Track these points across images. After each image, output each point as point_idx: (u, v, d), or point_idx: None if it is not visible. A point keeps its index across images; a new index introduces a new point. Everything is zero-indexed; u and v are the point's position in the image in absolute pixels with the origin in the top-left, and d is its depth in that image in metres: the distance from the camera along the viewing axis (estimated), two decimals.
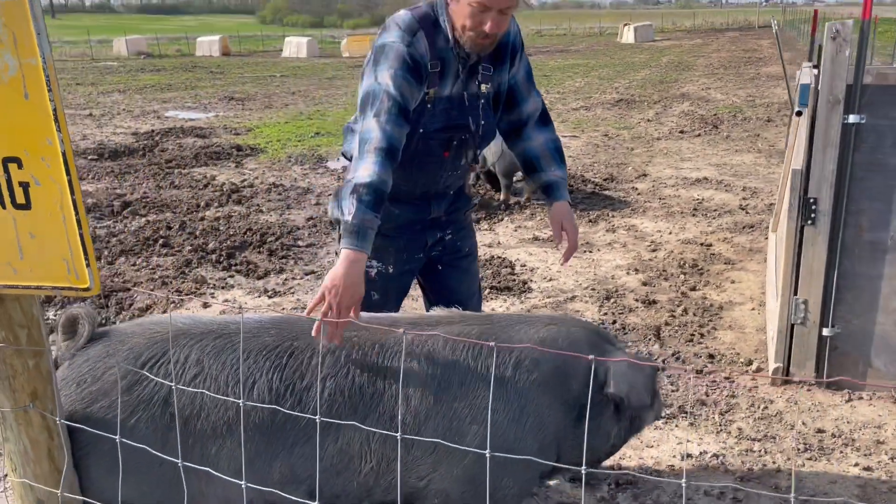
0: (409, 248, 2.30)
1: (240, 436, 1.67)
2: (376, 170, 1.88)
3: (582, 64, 25.20)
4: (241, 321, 1.80)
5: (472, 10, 1.96)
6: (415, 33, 2.02)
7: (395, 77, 1.96)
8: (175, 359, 1.76)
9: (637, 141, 10.01)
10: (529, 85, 2.27)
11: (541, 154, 2.27)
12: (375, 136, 1.91)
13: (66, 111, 14.00)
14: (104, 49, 37.78)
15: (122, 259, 5.23)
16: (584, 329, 2.02)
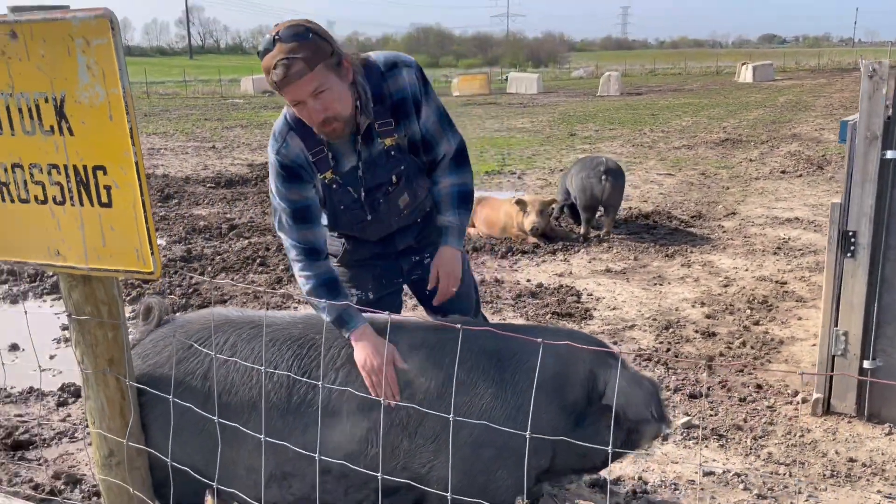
0: (386, 275, 2.39)
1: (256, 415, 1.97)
2: (309, 273, 2.11)
3: (693, 103, 24.86)
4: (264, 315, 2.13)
5: (295, 109, 2.02)
6: (284, 137, 2.10)
7: (277, 190, 2.12)
8: (216, 342, 2.07)
9: (734, 180, 9.89)
10: (443, 128, 2.24)
11: (442, 198, 2.27)
12: (290, 247, 2.15)
13: (193, 143, 15.24)
14: (233, 87, 40.45)
15: (223, 274, 5.76)
16: (589, 343, 2.16)
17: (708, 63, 61.66)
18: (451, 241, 2.25)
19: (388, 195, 2.24)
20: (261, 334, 2.07)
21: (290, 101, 1.99)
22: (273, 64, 1.92)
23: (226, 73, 49.23)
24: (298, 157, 2.11)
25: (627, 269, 5.73)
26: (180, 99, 34.21)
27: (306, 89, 1.94)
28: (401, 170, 2.22)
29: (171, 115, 23.57)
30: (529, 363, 2.03)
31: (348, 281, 2.39)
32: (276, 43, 1.93)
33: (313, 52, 1.92)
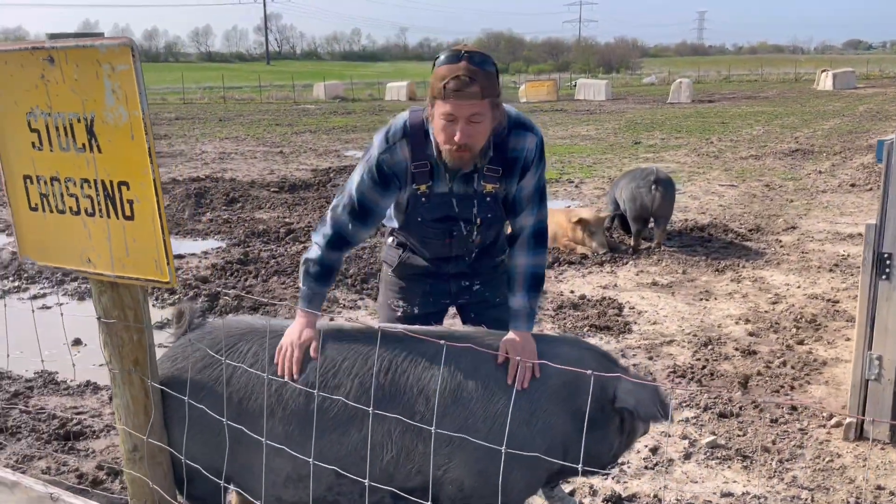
0: (434, 293, 2.44)
1: (279, 416, 2.08)
2: (323, 252, 2.21)
3: (767, 111, 24.18)
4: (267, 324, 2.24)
5: (443, 122, 2.04)
6: (395, 143, 2.16)
7: (361, 182, 2.20)
8: (241, 349, 2.19)
9: (800, 193, 9.62)
10: (533, 201, 2.27)
11: (516, 277, 2.27)
12: (329, 225, 2.23)
13: (262, 148, 15.71)
14: (306, 93, 41.42)
15: (275, 278, 5.96)
16: (592, 351, 2.25)
17: (787, 69, 59.76)
18: (520, 325, 2.20)
19: (465, 231, 2.31)
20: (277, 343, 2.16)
21: (445, 113, 2.03)
22: (452, 74, 1.99)
23: (300, 79, 50.44)
24: (400, 164, 2.17)
25: (674, 283, 5.67)
26: (255, 104, 35.24)
27: (468, 111, 2.02)
28: (487, 216, 2.30)
29: (245, 120, 24.33)
30: (544, 372, 2.09)
31: (398, 292, 2.47)
32: (464, 58, 2.00)
33: (489, 84, 2.02)
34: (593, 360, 2.18)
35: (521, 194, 2.26)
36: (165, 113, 28.52)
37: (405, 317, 2.45)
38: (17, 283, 5.95)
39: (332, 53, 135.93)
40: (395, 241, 2.45)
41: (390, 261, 2.46)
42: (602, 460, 2.21)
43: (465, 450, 2.02)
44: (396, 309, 2.47)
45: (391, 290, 2.49)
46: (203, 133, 19.56)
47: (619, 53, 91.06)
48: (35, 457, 3.23)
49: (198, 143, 16.89)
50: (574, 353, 2.18)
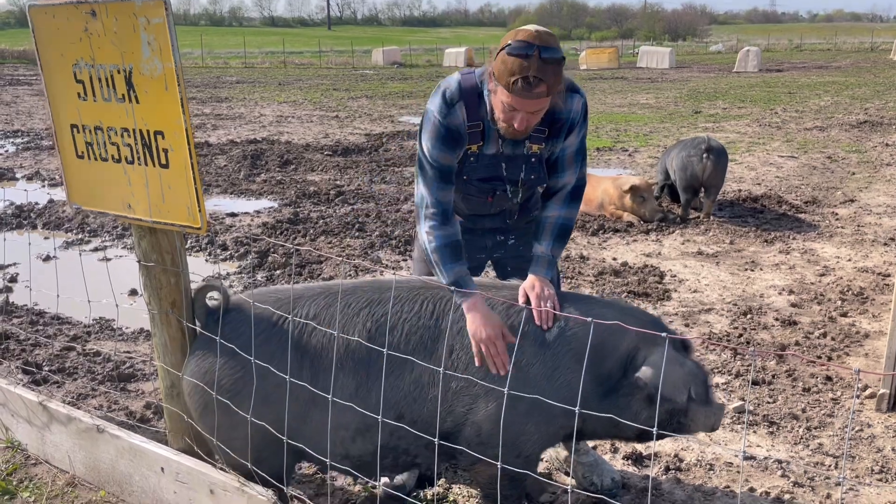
0: (470, 247, 2.44)
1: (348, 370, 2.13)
2: (438, 233, 2.21)
3: (838, 82, 23.26)
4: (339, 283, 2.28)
5: (504, 106, 2.08)
6: (453, 105, 2.18)
7: (433, 148, 2.21)
8: (300, 314, 2.19)
9: (863, 165, 9.29)
10: (576, 160, 2.34)
11: (545, 227, 2.33)
12: (428, 203, 2.24)
13: (318, 112, 15.91)
14: (365, 58, 41.53)
15: (322, 237, 6.10)
16: (634, 317, 2.20)
17: (863, 38, 57.06)
18: (539, 270, 2.26)
19: (510, 191, 2.37)
20: (334, 302, 2.19)
21: (508, 104, 2.06)
22: (522, 74, 1.98)
23: (359, 44, 50.57)
24: (460, 126, 2.20)
25: (720, 253, 5.59)
26: (314, 69, 35.55)
27: (533, 107, 2.06)
28: (531, 178, 2.35)
29: (304, 85, 24.60)
30: (572, 331, 2.12)
31: None
32: (534, 56, 1.98)
33: (556, 82, 2.03)
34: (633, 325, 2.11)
35: (565, 153, 2.31)
36: (227, 77, 29.02)
37: None
38: (81, 235, 6.25)
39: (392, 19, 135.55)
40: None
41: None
42: (626, 433, 2.21)
43: (487, 396, 2.08)
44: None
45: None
46: (262, 97, 19.89)
47: (686, 20, 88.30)
48: (89, 395, 3.43)
49: (257, 107, 17.19)
50: (610, 316, 2.14)
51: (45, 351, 3.91)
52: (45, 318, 4.42)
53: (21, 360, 3.76)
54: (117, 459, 2.45)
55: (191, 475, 2.23)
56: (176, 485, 2.27)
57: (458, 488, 2.67)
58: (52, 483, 2.67)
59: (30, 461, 2.82)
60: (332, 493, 2.65)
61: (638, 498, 2.59)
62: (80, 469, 2.63)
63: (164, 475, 2.30)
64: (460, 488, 2.67)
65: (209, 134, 12.51)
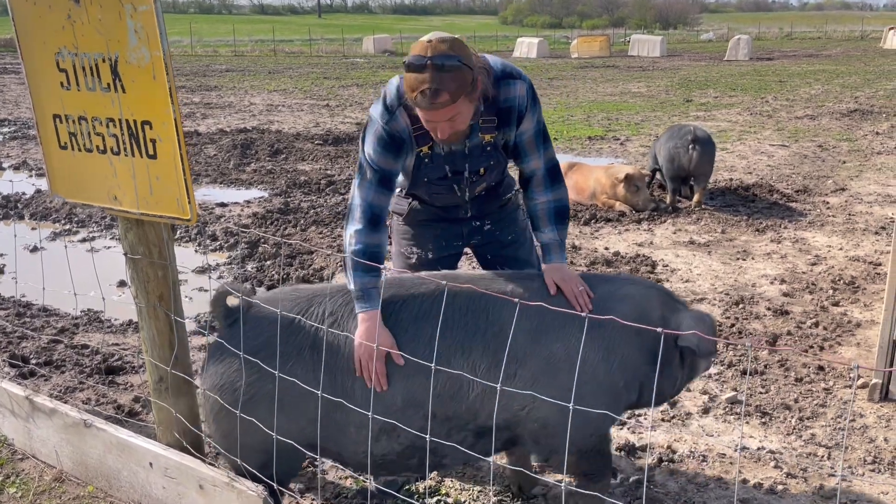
0: (446, 235, 2.48)
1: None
2: (363, 238, 2.15)
3: (828, 70, 23.29)
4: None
5: (425, 122, 2.09)
6: (394, 111, 2.16)
7: (374, 153, 2.18)
8: (314, 313, 2.11)
9: (854, 154, 9.31)
10: (537, 144, 2.31)
11: (539, 215, 2.33)
12: (358, 206, 2.19)
13: (309, 101, 15.81)
14: (355, 46, 41.29)
15: (313, 227, 6.06)
16: (656, 289, 2.29)
17: (853, 27, 57.15)
18: (554, 258, 2.28)
19: (472, 182, 2.37)
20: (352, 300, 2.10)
21: (423, 118, 2.08)
22: (421, 88, 1.98)
23: (350, 33, 50.27)
24: (403, 131, 2.18)
25: (712, 242, 5.59)
26: (305, 57, 35.33)
27: (443, 116, 2.04)
28: (490, 164, 2.34)
29: (294, 73, 24.43)
30: (615, 310, 2.10)
31: (411, 239, 2.51)
32: (428, 67, 1.96)
33: (458, 85, 1.99)
34: (658, 297, 2.22)
35: (523, 139, 2.29)
36: (216, 65, 28.80)
37: (420, 263, 2.49)
38: (68, 226, 6.19)
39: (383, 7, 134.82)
40: (402, 192, 2.46)
41: (400, 210, 2.48)
42: (665, 395, 2.30)
43: (552, 386, 2.03)
44: (411, 256, 2.51)
45: (403, 239, 2.52)
46: (252, 85, 19.74)
47: (677, 9, 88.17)
48: (77, 388, 3.40)
49: (247, 95, 17.07)
50: (641, 291, 2.22)
51: (31, 344, 3.87)
52: (31, 310, 4.37)
53: (7, 354, 3.72)
54: (105, 454, 2.42)
55: (180, 470, 2.20)
56: (165, 480, 2.25)
57: (451, 481, 2.66)
58: (39, 478, 2.64)
59: (16, 456, 2.79)
60: (324, 487, 2.63)
61: (632, 490, 2.58)
62: (68, 464, 2.60)
63: (153, 470, 2.27)
64: (452, 481, 2.66)
65: (198, 123, 12.41)
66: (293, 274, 4.96)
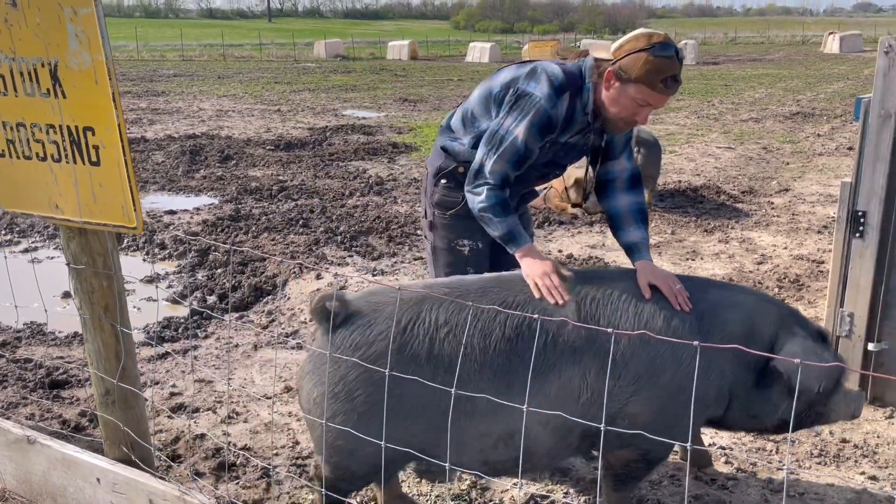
0: (485, 235, 2.47)
1: (489, 377, 2.00)
2: (496, 192, 2.25)
3: (772, 74, 23.93)
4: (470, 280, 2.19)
5: (635, 105, 2.19)
6: (562, 94, 2.23)
7: (527, 132, 2.23)
8: (429, 319, 2.04)
9: (797, 156, 9.58)
10: (627, 147, 2.45)
11: (625, 215, 2.39)
12: (490, 174, 2.25)
13: (260, 106, 15.62)
14: (307, 51, 40.98)
15: (265, 234, 5.98)
16: (776, 306, 2.20)
17: (794, 32, 58.89)
18: (645, 255, 2.33)
19: (556, 174, 2.54)
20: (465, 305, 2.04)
21: (644, 100, 2.17)
22: (672, 72, 2.13)
23: (301, 37, 49.86)
24: (560, 116, 2.26)
25: (662, 244, 5.69)
26: (255, 62, 34.90)
27: (666, 102, 2.25)
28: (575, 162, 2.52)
29: (244, 78, 24.12)
30: (723, 318, 2.10)
31: (463, 231, 2.51)
32: (675, 56, 2.14)
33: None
34: (776, 313, 2.15)
35: (617, 141, 2.42)
36: (164, 70, 28.26)
37: (472, 253, 2.52)
38: (10, 236, 5.99)
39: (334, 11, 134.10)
40: (452, 184, 2.48)
41: (449, 204, 2.49)
42: (763, 422, 2.20)
43: (651, 387, 2.04)
44: (463, 247, 2.52)
45: (451, 233, 2.52)
46: (201, 90, 19.42)
47: (625, 14, 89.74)
48: (20, 404, 3.29)
49: (195, 101, 16.79)
50: (758, 305, 2.16)
51: None
52: None
53: None
54: (50, 471, 2.34)
55: (129, 485, 2.15)
56: (113, 496, 2.18)
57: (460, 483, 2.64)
58: None
59: None
60: (278, 497, 2.59)
61: (587, 489, 2.60)
62: (11, 482, 2.51)
63: (101, 486, 2.20)
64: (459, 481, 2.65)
65: (145, 129, 12.16)
66: (245, 282, 4.89)
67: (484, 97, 2.39)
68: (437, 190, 2.51)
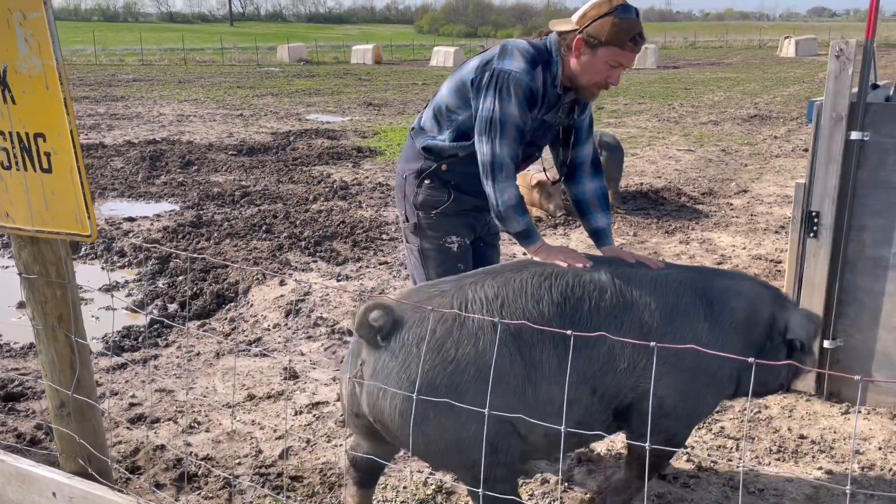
0: (473, 225, 2.61)
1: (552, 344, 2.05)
2: (512, 189, 2.31)
3: (730, 77, 24.36)
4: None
5: (608, 67, 2.27)
6: (536, 67, 2.30)
7: (518, 108, 2.28)
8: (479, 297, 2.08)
9: (755, 157, 9.76)
10: (589, 133, 2.55)
11: (590, 200, 2.50)
12: (502, 162, 2.29)
13: (222, 111, 15.45)
14: (270, 55, 40.64)
15: (228, 241, 5.91)
16: (768, 289, 2.38)
17: (751, 36, 60.12)
18: (610, 241, 2.50)
19: (533, 157, 2.55)
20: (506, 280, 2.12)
21: (616, 60, 2.26)
22: (637, 30, 2.25)
23: (263, 41, 49.43)
24: (539, 89, 2.32)
25: (624, 245, 5.74)
26: (216, 66, 34.53)
27: (633, 61, 2.34)
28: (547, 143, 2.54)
29: (206, 83, 23.84)
30: (731, 305, 2.24)
31: (451, 229, 2.56)
32: (636, 15, 2.26)
33: None
34: (770, 295, 2.32)
35: (582, 125, 2.52)
36: (123, 74, 27.83)
37: (460, 249, 2.58)
38: None
39: (297, 15, 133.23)
40: (436, 183, 2.51)
41: (434, 203, 2.52)
42: (767, 387, 2.42)
43: (676, 369, 2.13)
44: (451, 244, 2.56)
45: (439, 232, 2.55)
46: (161, 95, 19.15)
47: None
48: None
49: (155, 106, 16.55)
50: (756, 289, 2.32)
51: None
52: None
53: None
54: (5, 486, 2.28)
55: (86, 499, 2.09)
56: None
57: None
58: None
59: None
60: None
61: (552, 489, 2.61)
62: None
63: (57, 500, 2.15)
64: None
65: (104, 135, 11.95)
66: (206, 289, 4.82)
67: (457, 88, 2.41)
68: (420, 191, 2.52)
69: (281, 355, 3.87)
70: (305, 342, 4.05)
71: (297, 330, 4.21)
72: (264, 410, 3.29)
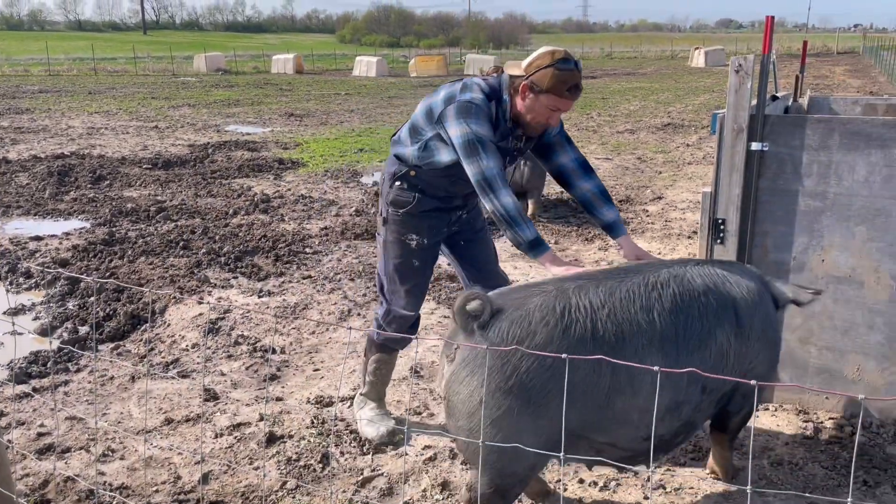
0: (437, 225, 2.91)
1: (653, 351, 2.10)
2: (511, 199, 2.50)
3: (645, 87, 25.18)
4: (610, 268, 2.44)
5: (548, 111, 2.58)
6: (491, 101, 2.64)
7: (486, 129, 2.58)
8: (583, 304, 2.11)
9: (668, 165, 10.10)
10: (563, 142, 2.80)
11: (591, 198, 2.79)
12: (493, 176, 2.51)
13: (135, 123, 14.98)
14: (186, 65, 39.69)
15: (143, 258, 5.72)
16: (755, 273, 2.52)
17: (664, 47, 62.32)
18: (624, 231, 2.86)
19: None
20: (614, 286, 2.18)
21: (555, 107, 2.58)
22: (574, 81, 2.55)
23: (179, 50, 48.25)
24: (493, 118, 2.64)
25: None
26: (129, 76, 33.52)
27: (570, 107, 2.63)
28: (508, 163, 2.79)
29: (118, 93, 23.12)
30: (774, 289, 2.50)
31: (412, 228, 2.87)
32: (576, 67, 2.56)
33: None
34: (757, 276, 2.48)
35: (551, 140, 2.79)
36: (28, 85, 26.70)
37: (419, 247, 2.88)
38: None
39: (214, 24, 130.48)
40: (405, 185, 2.83)
41: (402, 203, 2.84)
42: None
43: (767, 345, 2.38)
44: (410, 241, 2.88)
45: (402, 228, 2.88)
46: (70, 107, 18.44)
47: (507, 29, 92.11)
48: None
49: (64, 118, 15.92)
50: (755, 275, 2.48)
51: None
52: None
53: None
54: None
55: None
56: None
57: None
58: None
59: None
60: None
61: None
62: None
63: None
64: None
65: (7, 150, 11.42)
66: (120, 309, 4.66)
67: (427, 112, 2.73)
68: (391, 191, 2.86)
69: (200, 376, 3.77)
70: (226, 361, 3.96)
71: (217, 349, 4.12)
72: (182, 434, 3.20)
